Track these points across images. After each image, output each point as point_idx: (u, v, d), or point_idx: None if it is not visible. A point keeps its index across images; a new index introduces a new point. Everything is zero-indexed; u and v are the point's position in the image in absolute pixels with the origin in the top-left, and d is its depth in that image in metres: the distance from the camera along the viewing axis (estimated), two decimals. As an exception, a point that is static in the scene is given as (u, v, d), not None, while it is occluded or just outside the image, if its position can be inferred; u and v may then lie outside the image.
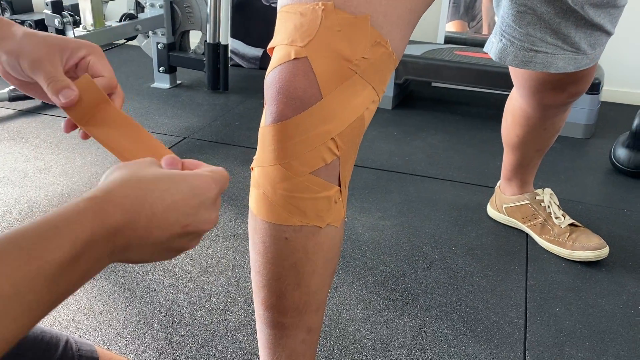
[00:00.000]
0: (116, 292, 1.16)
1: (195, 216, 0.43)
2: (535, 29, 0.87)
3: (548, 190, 1.38)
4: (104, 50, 0.56)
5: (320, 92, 0.56)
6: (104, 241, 0.38)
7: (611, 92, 2.44)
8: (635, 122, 1.67)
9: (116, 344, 1.03)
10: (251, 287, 1.19)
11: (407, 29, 0.61)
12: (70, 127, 0.55)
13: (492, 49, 0.94)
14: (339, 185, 0.62)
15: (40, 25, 1.95)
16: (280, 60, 0.58)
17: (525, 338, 1.07)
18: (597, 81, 1.93)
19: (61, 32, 1.87)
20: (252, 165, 0.64)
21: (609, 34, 0.89)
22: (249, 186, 1.59)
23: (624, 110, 2.35)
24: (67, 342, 0.61)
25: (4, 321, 0.32)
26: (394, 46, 0.59)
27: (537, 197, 1.37)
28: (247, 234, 1.41)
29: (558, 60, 0.89)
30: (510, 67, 1.06)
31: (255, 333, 1.06)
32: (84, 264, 0.37)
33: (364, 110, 0.59)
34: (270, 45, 0.61)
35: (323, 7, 0.56)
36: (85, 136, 0.55)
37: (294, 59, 0.56)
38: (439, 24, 2.56)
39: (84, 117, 0.54)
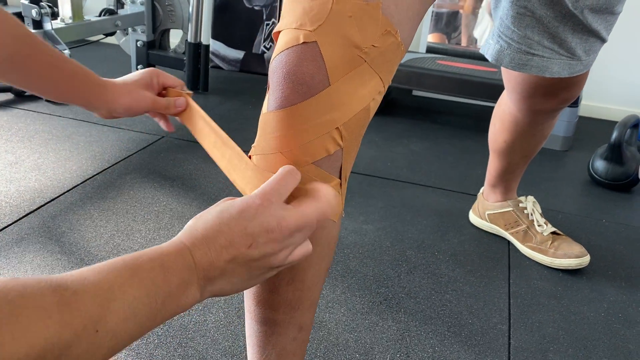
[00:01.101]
0: (91, 289, 1.12)
1: (253, 234, 0.48)
2: (533, 31, 0.86)
3: (531, 198, 1.39)
4: (80, 46, 0.72)
5: (329, 79, 0.54)
6: (186, 270, 0.46)
7: (589, 106, 2.49)
8: (614, 135, 1.70)
9: (90, 343, 0.99)
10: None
11: (415, 20, 0.59)
12: (170, 125, 0.81)
13: (489, 50, 0.94)
14: (340, 178, 0.60)
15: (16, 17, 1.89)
16: (288, 44, 0.55)
17: (509, 344, 1.07)
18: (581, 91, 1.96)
19: (38, 23, 1.82)
20: (249, 153, 0.61)
21: (603, 40, 0.90)
22: (228, 187, 1.56)
23: (600, 125, 2.40)
24: None
25: (135, 320, 0.42)
26: (402, 36, 0.58)
27: (520, 205, 1.37)
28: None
29: (553, 64, 0.90)
30: (503, 71, 1.06)
31: (235, 335, 1.03)
32: (167, 303, 0.45)
33: (370, 101, 0.57)
34: (276, 29, 0.58)
35: None
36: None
37: (303, 43, 0.54)
38: (422, 34, 2.58)
39: (185, 116, 0.74)
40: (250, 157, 0.61)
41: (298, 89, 0.54)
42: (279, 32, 0.58)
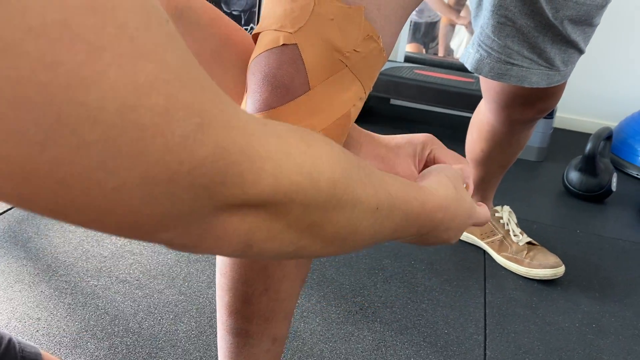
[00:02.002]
0: (57, 297, 1.07)
1: (462, 223, 0.52)
2: (513, 41, 0.86)
3: (507, 208, 1.39)
4: None
5: (309, 83, 0.53)
6: (427, 220, 0.46)
7: (563, 118, 2.53)
8: (588, 147, 1.71)
9: (56, 353, 0.95)
10: (203, 297, 1.13)
11: (397, 26, 0.58)
12: None
13: (469, 59, 0.93)
14: (318, 185, 0.58)
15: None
16: (268, 45, 0.53)
17: (485, 354, 1.06)
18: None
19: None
20: None
21: (581, 51, 0.91)
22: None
23: (574, 137, 2.43)
24: (10, 341, 0.54)
25: (390, 220, 0.41)
26: (385, 42, 0.57)
27: (497, 214, 1.38)
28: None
29: (532, 74, 0.90)
30: (482, 80, 1.06)
31: (207, 345, 1.00)
32: (413, 223, 0.45)
33: (351, 107, 0.56)
34: (255, 31, 0.57)
35: None
36: None
37: (283, 45, 0.52)
38: (400, 43, 2.59)
39: None
40: None
41: (277, 92, 0.53)
42: (259, 33, 0.56)
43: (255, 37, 0.57)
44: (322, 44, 0.52)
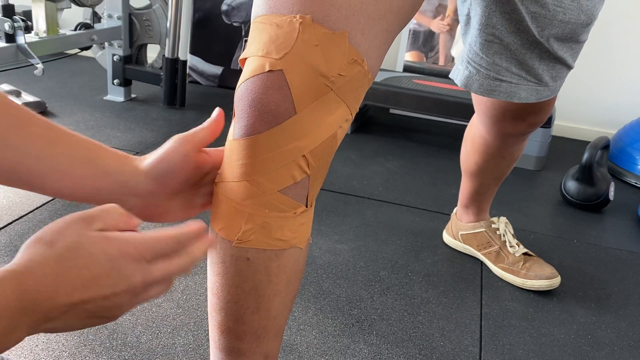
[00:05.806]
0: (57, 312, 1.09)
1: (115, 286, 0.44)
2: (501, 58, 0.88)
3: (503, 219, 1.40)
4: (56, 59, 0.59)
5: (294, 107, 0.54)
6: (19, 314, 0.39)
7: (561, 126, 2.53)
8: (585, 156, 1.72)
9: (54, 368, 0.96)
10: (201, 310, 1.14)
11: (382, 49, 0.60)
12: None
13: (458, 76, 0.95)
14: (306, 205, 0.60)
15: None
16: (254, 72, 0.55)
17: (480, 367, 1.07)
18: (549, 115, 1.99)
19: (11, 37, 1.79)
20: (215, 180, 0.61)
21: (569, 67, 0.92)
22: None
23: (573, 145, 2.44)
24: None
25: None
26: (369, 65, 0.58)
27: (493, 225, 1.39)
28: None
29: (521, 90, 0.91)
30: (473, 95, 1.07)
31: (204, 358, 1.02)
32: None
33: (337, 129, 0.57)
34: (242, 56, 0.58)
35: (301, 20, 0.54)
36: None
37: (269, 71, 0.54)
38: (399, 53, 2.60)
39: None
40: (216, 184, 0.61)
41: (263, 118, 0.54)
42: (245, 59, 0.58)
43: (243, 62, 0.59)
44: (308, 69, 0.54)
